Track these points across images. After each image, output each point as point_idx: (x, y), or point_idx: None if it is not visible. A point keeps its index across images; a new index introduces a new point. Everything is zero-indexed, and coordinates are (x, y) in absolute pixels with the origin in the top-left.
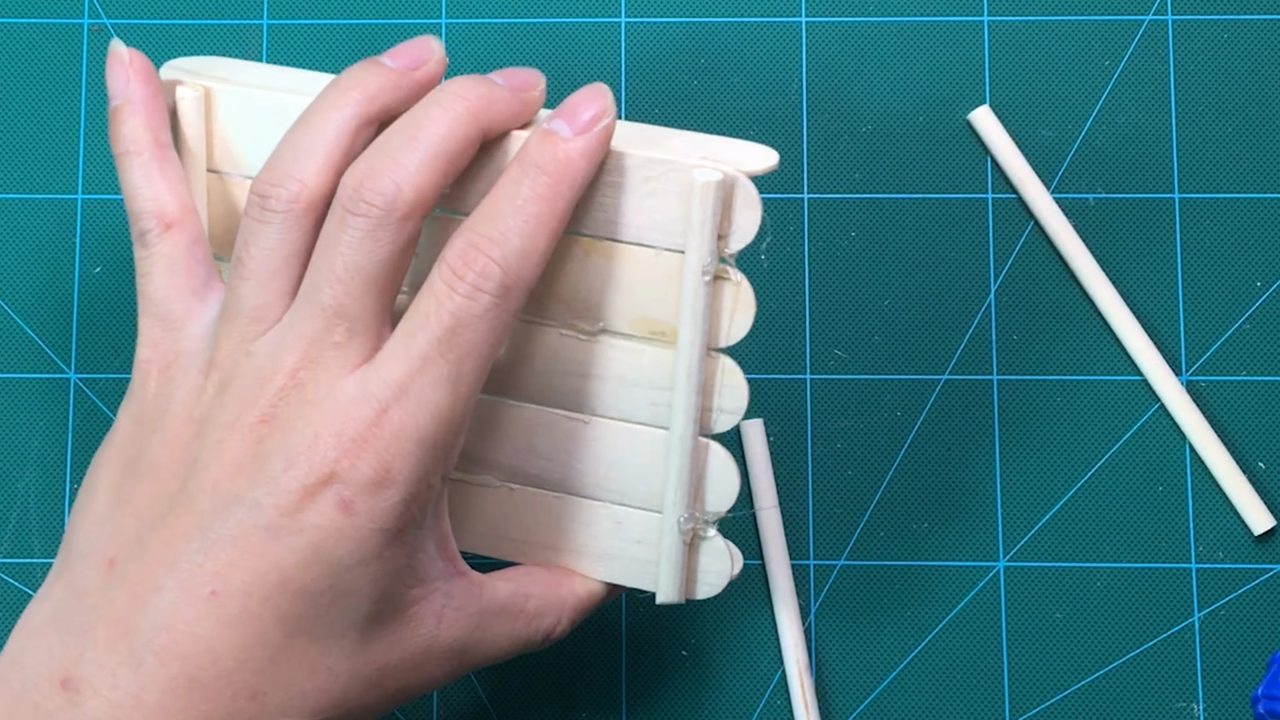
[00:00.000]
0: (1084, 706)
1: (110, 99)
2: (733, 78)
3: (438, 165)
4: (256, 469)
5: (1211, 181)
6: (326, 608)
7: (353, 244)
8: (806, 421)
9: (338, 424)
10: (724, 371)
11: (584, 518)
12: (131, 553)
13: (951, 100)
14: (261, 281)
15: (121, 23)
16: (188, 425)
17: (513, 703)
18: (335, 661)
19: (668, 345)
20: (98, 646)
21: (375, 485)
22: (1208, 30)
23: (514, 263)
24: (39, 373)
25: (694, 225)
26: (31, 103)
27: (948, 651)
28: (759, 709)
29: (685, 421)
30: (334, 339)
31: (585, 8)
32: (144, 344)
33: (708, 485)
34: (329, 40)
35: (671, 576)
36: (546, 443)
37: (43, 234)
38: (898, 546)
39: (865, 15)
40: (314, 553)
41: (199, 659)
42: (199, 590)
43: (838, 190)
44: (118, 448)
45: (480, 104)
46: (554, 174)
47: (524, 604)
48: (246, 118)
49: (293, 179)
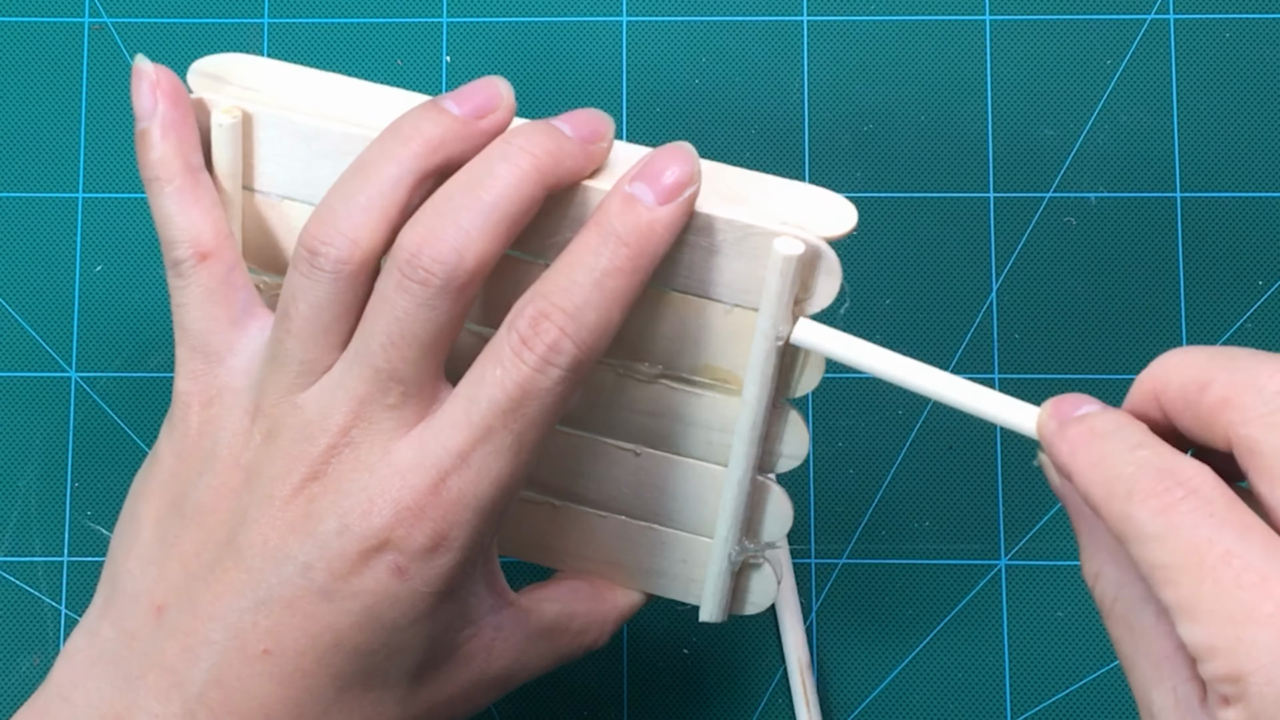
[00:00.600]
0: (1085, 705)
1: (137, 121)
2: (734, 77)
3: (501, 229)
4: (308, 530)
5: (1213, 181)
6: (380, 664)
7: (410, 311)
8: (808, 421)
9: (395, 491)
10: (789, 421)
11: (629, 535)
12: (181, 602)
13: (953, 100)
14: (310, 337)
15: (122, 21)
16: (234, 471)
17: (514, 702)
18: (388, 708)
19: (730, 393)
20: (149, 695)
21: (430, 552)
22: (1209, 29)
23: (587, 337)
24: (40, 371)
25: (770, 293)
26: (31, 102)
27: (949, 650)
28: (760, 708)
29: (745, 467)
30: (388, 401)
31: (587, 7)
32: (183, 375)
33: (763, 519)
34: (330, 39)
35: (716, 599)
36: (595, 467)
37: (43, 233)
38: (899, 545)
39: (867, 15)
40: (367, 615)
41: (253, 714)
42: (252, 648)
43: (839, 189)
44: (161, 483)
45: (549, 161)
46: (635, 245)
47: (569, 623)
48: (285, 141)
49: (345, 237)
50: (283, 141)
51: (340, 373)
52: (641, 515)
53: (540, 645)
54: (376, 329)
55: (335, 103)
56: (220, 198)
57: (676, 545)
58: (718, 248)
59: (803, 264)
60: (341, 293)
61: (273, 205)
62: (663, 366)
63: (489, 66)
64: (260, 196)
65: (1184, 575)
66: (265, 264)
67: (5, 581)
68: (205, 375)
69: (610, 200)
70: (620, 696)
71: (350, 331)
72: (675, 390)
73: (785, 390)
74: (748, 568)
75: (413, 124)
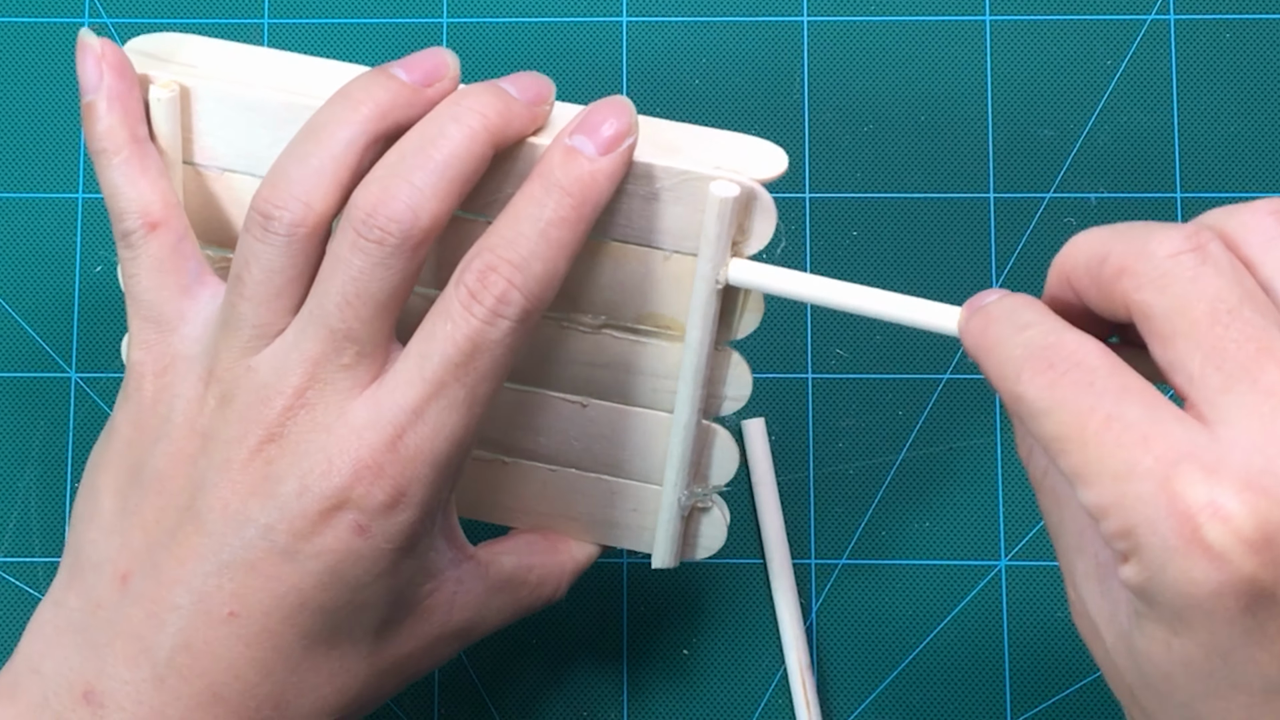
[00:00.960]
0: (1085, 706)
1: (82, 94)
2: (734, 77)
3: (454, 188)
4: (268, 492)
5: (1213, 181)
6: (345, 621)
7: (365, 270)
8: (808, 421)
9: (353, 450)
10: (731, 364)
11: (580, 488)
12: (145, 569)
13: (953, 100)
14: (263, 300)
15: (122, 22)
16: (191, 438)
17: (514, 702)
18: (353, 664)
19: (673, 339)
20: (118, 662)
21: (390, 509)
22: (1210, 30)
23: (535, 288)
24: (39, 372)
25: (709, 236)
26: (31, 103)
27: (949, 650)
28: (760, 708)
29: (690, 411)
30: (342, 361)
31: (587, 7)
32: (136, 345)
33: (710, 462)
34: (330, 40)
35: (668, 545)
36: (544, 421)
37: (43, 234)
38: (899, 546)
39: (867, 15)
40: (330, 574)
41: (222, 676)
42: (218, 611)
43: (839, 189)
44: (119, 453)
45: (498, 121)
46: (577, 195)
47: (526, 575)
48: (224, 113)
49: (298, 201)
50: (221, 114)
51: (294, 335)
52: (592, 467)
53: (500, 598)
54: (331, 289)
55: (274, 75)
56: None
57: (627, 495)
58: (656, 195)
59: (739, 206)
60: (295, 256)
61: (214, 178)
62: (606, 317)
63: (489, 67)
64: (201, 169)
65: (1072, 444)
66: (208, 237)
67: (5, 582)
68: (158, 344)
69: (552, 153)
70: (620, 696)
71: (303, 295)
72: (619, 340)
73: (727, 333)
74: (697, 512)
75: (363, 89)
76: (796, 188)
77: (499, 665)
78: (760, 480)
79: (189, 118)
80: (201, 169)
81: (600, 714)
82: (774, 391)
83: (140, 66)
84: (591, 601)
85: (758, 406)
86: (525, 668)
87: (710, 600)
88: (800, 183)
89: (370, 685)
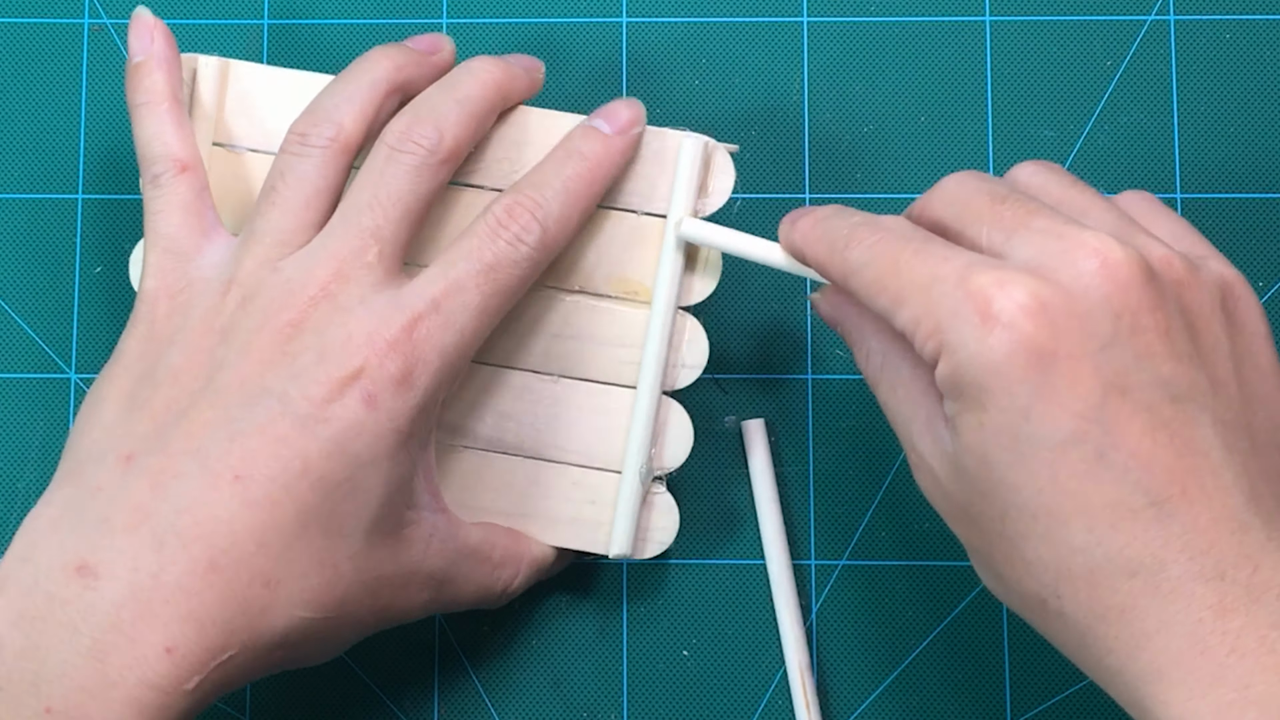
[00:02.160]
0: (1085, 706)
1: (132, 56)
2: (734, 78)
3: (472, 122)
4: (287, 364)
5: (1213, 182)
6: (340, 502)
7: (398, 176)
8: (808, 421)
9: (371, 326)
10: (689, 328)
11: (543, 480)
12: (151, 448)
13: (953, 100)
14: (292, 209)
15: (122, 22)
16: (208, 335)
17: (514, 702)
18: (341, 560)
19: (640, 305)
20: (115, 534)
21: (398, 385)
22: (1210, 30)
23: (553, 226)
24: (39, 373)
25: (679, 183)
26: (31, 103)
27: (949, 651)
28: (760, 709)
29: (654, 373)
30: (367, 259)
31: (586, 8)
32: (151, 275)
33: (666, 441)
34: (329, 40)
35: (627, 529)
36: (515, 405)
37: (43, 234)
38: (899, 546)
39: (867, 15)
40: (336, 445)
41: (219, 541)
42: (224, 475)
43: (839, 190)
44: (125, 365)
45: (505, 76)
46: (593, 161)
47: (490, 551)
48: (259, 93)
49: (330, 121)
50: (256, 91)
51: (322, 237)
52: (556, 455)
53: (465, 565)
54: (363, 194)
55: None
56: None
57: (588, 486)
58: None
59: (704, 160)
60: (325, 168)
61: (239, 157)
62: (580, 284)
63: None
64: (229, 150)
65: (888, 277)
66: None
67: None
68: (174, 271)
69: (573, 130)
70: (620, 697)
71: (329, 211)
72: (590, 308)
73: (687, 295)
74: (650, 496)
75: (379, 51)
76: (797, 188)
77: (499, 666)
78: (760, 480)
79: (222, 97)
80: (230, 149)
81: (600, 714)
82: (774, 393)
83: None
84: (591, 601)
85: (759, 408)
86: (525, 668)
87: (710, 600)
88: (800, 183)
89: (351, 595)
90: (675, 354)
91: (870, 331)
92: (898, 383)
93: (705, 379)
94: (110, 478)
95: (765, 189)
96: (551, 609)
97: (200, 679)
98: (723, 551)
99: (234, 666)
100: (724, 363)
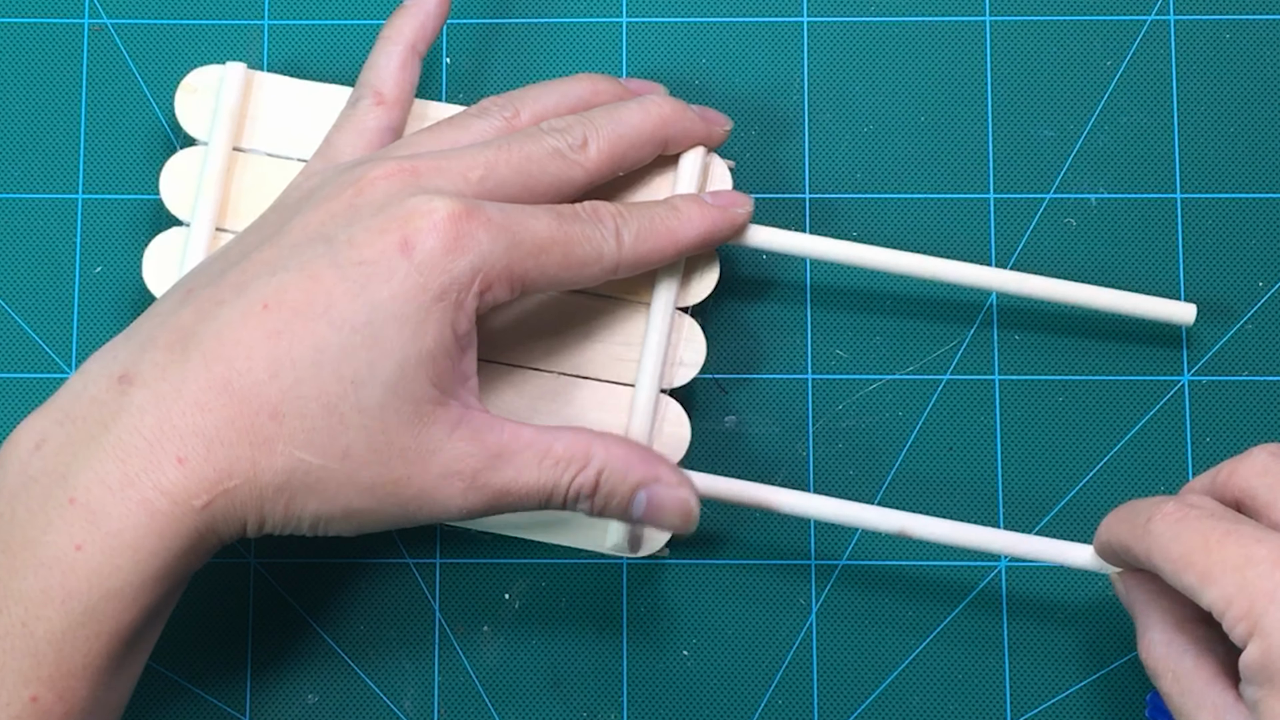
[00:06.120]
0: (1085, 706)
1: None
2: (734, 78)
3: (620, 146)
4: (351, 215)
5: (1213, 181)
6: (357, 348)
7: (533, 146)
8: (808, 421)
9: (439, 202)
10: (687, 327)
11: None
12: (210, 281)
13: (953, 100)
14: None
15: (122, 22)
16: (300, 201)
17: (514, 702)
18: (348, 409)
19: (639, 304)
20: (158, 349)
21: (442, 246)
22: (1210, 30)
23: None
24: (39, 373)
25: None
26: (31, 103)
27: (949, 651)
28: (760, 709)
29: (653, 371)
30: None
31: (587, 8)
32: (303, 173)
33: (662, 439)
34: (329, 40)
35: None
36: (516, 402)
37: (43, 234)
38: (899, 546)
39: (867, 15)
40: (361, 286)
41: (239, 364)
42: (255, 304)
43: (839, 190)
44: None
45: (673, 115)
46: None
47: (551, 444)
48: (280, 102)
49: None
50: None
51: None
52: None
53: (509, 463)
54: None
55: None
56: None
57: None
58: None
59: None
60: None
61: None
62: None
63: (489, 68)
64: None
65: (1196, 554)
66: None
67: None
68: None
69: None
70: (620, 697)
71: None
72: (588, 309)
73: (685, 295)
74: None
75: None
76: (797, 188)
77: (499, 665)
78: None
79: (246, 104)
80: (249, 153)
81: (600, 714)
82: (774, 393)
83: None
84: (591, 601)
85: (759, 408)
86: (525, 668)
87: (710, 600)
88: (800, 183)
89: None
90: (674, 351)
91: (1156, 620)
92: (1181, 672)
93: (705, 379)
94: (170, 306)
95: (765, 189)
96: (551, 609)
97: (209, 499)
98: (723, 551)
99: (239, 500)
100: (724, 363)
